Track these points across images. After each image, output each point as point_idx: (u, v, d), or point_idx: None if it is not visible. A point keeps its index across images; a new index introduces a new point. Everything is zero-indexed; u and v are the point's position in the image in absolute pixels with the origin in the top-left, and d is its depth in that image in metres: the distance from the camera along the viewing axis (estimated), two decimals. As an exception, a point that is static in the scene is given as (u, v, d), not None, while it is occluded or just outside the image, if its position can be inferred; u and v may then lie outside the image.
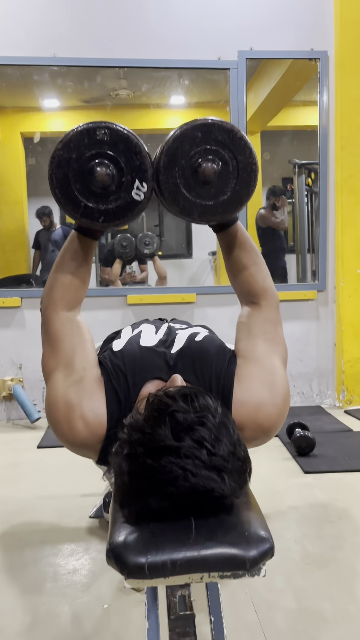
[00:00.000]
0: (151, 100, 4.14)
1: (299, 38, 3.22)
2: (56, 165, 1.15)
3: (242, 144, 1.18)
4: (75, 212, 1.18)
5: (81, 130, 1.14)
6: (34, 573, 1.59)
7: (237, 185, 1.19)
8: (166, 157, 1.16)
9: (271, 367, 1.18)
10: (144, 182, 1.17)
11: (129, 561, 0.81)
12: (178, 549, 0.81)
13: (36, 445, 2.74)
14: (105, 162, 1.15)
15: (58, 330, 1.22)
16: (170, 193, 1.18)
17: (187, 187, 1.18)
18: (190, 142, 1.16)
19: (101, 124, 1.15)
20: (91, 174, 1.15)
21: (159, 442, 0.82)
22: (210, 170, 1.16)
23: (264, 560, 0.83)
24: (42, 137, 4.34)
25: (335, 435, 2.77)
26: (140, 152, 1.17)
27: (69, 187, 1.16)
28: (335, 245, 3.33)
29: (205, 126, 1.16)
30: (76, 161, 1.15)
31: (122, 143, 1.15)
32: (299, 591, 1.47)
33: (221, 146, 1.17)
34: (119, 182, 1.16)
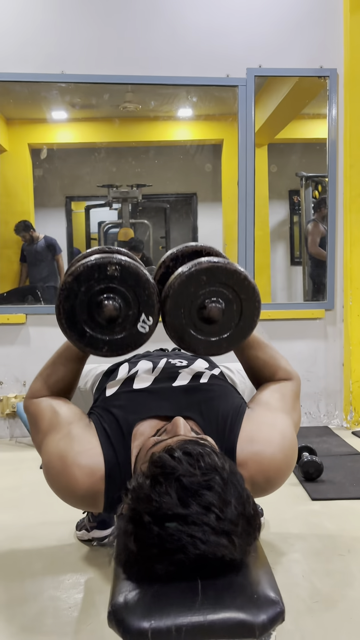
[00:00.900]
0: (159, 113, 4.13)
1: (308, 55, 3.20)
2: (65, 297, 1.17)
3: (246, 284, 1.20)
4: (80, 342, 1.20)
5: (92, 265, 1.15)
6: (34, 609, 1.55)
7: (241, 321, 1.23)
8: (172, 300, 1.19)
9: (282, 419, 1.17)
10: (150, 316, 1.20)
11: (132, 626, 0.77)
12: (183, 614, 0.77)
13: (39, 465, 2.70)
14: (114, 296, 1.17)
15: (37, 411, 1.26)
16: (176, 332, 1.22)
17: (192, 326, 1.22)
18: (195, 284, 1.18)
19: (113, 260, 1.15)
20: (99, 306, 1.17)
21: (166, 510, 0.78)
22: (215, 310, 1.19)
23: (274, 626, 0.79)
24: (49, 149, 4.34)
25: (343, 458, 2.72)
26: (149, 288, 1.19)
27: (76, 318, 1.18)
28: (344, 263, 3.30)
29: (211, 269, 1.18)
30: (85, 293, 1.17)
31: (131, 279, 1.17)
32: (308, 634, 1.42)
33: (225, 287, 1.20)
34: (125, 314, 1.19)
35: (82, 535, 1.88)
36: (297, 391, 1.33)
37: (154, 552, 0.79)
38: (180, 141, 4.56)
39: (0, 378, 3.19)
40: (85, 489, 1.06)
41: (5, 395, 3.18)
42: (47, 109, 3.98)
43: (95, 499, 1.08)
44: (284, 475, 1.13)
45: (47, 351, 3.28)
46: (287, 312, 3.28)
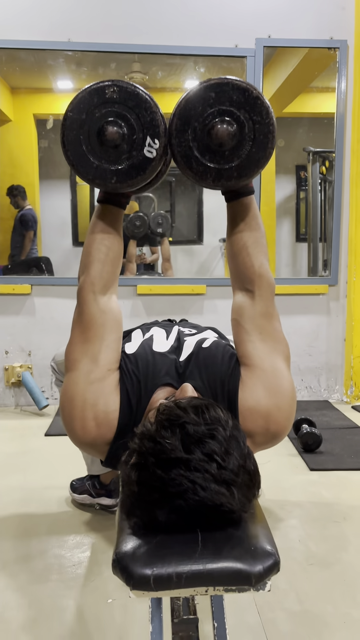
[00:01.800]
0: (166, 84, 4.08)
1: (318, 26, 3.15)
2: (67, 127, 1.13)
3: (259, 104, 1.12)
4: (88, 174, 1.15)
5: (90, 90, 1.12)
6: (40, 565, 1.61)
7: (254, 147, 1.14)
8: (179, 119, 1.13)
9: (273, 370, 1.16)
10: (155, 138, 1.13)
11: (135, 573, 0.81)
12: (184, 562, 0.81)
13: (44, 433, 2.77)
14: (116, 121, 1.12)
15: (94, 317, 1.18)
16: (183, 157, 1.15)
17: (200, 151, 1.14)
18: (203, 103, 1.12)
19: (110, 82, 1.12)
20: (102, 133, 1.12)
21: (170, 453, 0.81)
22: (224, 132, 1.11)
23: (270, 576, 0.83)
24: (55, 119, 4.30)
25: (342, 431, 2.77)
26: (151, 108, 1.13)
27: (81, 149, 1.13)
28: (349, 239, 3.30)
29: (219, 85, 1.11)
30: (87, 122, 1.13)
31: (132, 100, 1.12)
32: (302, 593, 1.47)
33: (236, 106, 1.12)
34: (130, 140, 1.13)
35: (83, 499, 1.93)
36: (271, 309, 1.23)
37: (156, 496, 0.82)
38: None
39: (6, 347, 3.23)
40: (91, 441, 1.11)
41: (10, 364, 3.22)
42: (53, 78, 3.93)
43: (97, 452, 1.13)
44: (285, 427, 1.15)
45: (52, 321, 3.33)
46: (290, 287, 3.29)
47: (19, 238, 4.26)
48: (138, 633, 1.33)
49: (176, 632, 1.05)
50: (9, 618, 1.38)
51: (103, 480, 1.90)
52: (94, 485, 1.90)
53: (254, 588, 0.83)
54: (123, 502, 0.89)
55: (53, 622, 1.36)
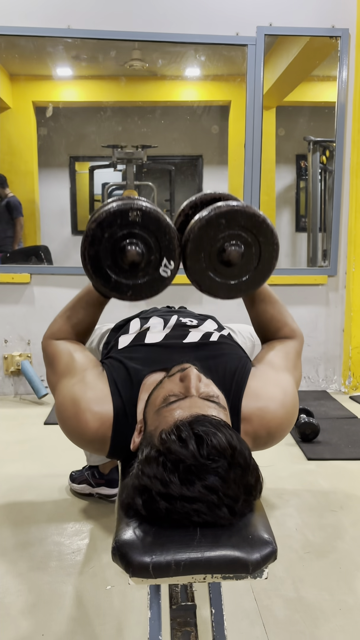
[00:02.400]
0: (166, 72, 4.06)
1: (319, 15, 3.12)
2: (89, 243, 1.19)
3: (264, 227, 1.22)
4: (106, 287, 1.24)
5: (114, 211, 1.17)
6: (39, 552, 1.62)
7: (260, 264, 1.25)
8: (192, 244, 1.21)
9: (285, 378, 1.22)
10: (171, 260, 1.23)
11: (134, 560, 0.82)
12: (182, 550, 0.82)
13: (43, 422, 2.78)
14: (136, 242, 1.20)
15: (55, 352, 1.29)
16: (197, 276, 1.25)
17: (212, 270, 1.24)
18: (215, 228, 1.20)
19: (134, 206, 1.17)
20: (122, 252, 1.19)
21: (172, 491, 0.83)
22: (235, 254, 1.21)
23: (267, 564, 0.85)
24: (54, 107, 4.27)
25: (340, 421, 2.79)
26: (169, 233, 1.21)
27: (100, 264, 1.21)
28: (348, 230, 3.29)
29: (230, 213, 1.20)
30: (108, 240, 1.19)
31: (152, 224, 1.19)
32: (298, 581, 1.49)
33: (244, 230, 1.21)
34: (147, 259, 1.22)
35: (82, 489, 1.95)
36: (299, 350, 1.37)
37: (160, 515, 0.85)
38: (187, 102, 4.49)
39: (5, 336, 3.24)
40: (94, 434, 1.11)
41: (10, 353, 3.23)
42: (53, 65, 3.91)
43: (103, 444, 1.13)
44: (286, 429, 1.17)
45: (51, 310, 3.33)
46: (290, 278, 3.29)
47: (6, 226, 4.23)
48: (136, 619, 1.35)
49: (174, 618, 1.07)
50: (8, 603, 1.40)
51: (102, 470, 1.91)
52: (94, 475, 1.92)
53: (252, 576, 0.84)
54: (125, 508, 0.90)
55: (52, 608, 1.38)
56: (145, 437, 1.00)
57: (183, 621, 1.06)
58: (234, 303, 2.74)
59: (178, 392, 1.00)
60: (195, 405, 0.96)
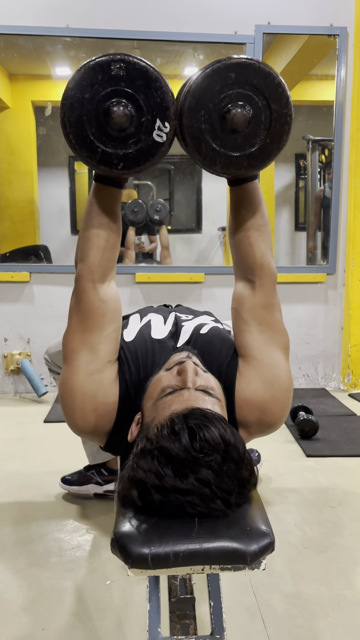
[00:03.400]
0: (165, 71, 4.06)
1: (318, 13, 3.13)
2: (69, 107, 1.04)
3: (279, 92, 1.05)
4: (92, 159, 1.07)
5: (94, 65, 1.02)
6: (39, 548, 1.63)
7: (268, 137, 1.08)
8: (192, 97, 1.04)
9: (270, 362, 1.16)
10: (165, 121, 1.06)
11: (133, 551, 0.83)
12: (181, 542, 0.83)
13: (43, 420, 2.79)
14: (123, 101, 1.03)
15: (93, 306, 1.14)
16: (193, 139, 1.07)
17: (212, 134, 1.06)
18: (221, 83, 1.03)
19: (116, 57, 1.02)
20: (107, 115, 1.04)
21: (166, 484, 0.84)
22: (240, 117, 1.04)
23: (264, 555, 0.85)
24: (54, 106, 4.28)
25: (339, 419, 2.79)
26: (161, 88, 1.04)
27: (84, 132, 1.05)
28: (347, 228, 3.30)
29: (241, 66, 1.03)
30: (90, 101, 1.03)
31: (140, 78, 1.03)
32: (297, 575, 1.50)
33: (255, 91, 1.04)
34: (138, 122, 1.05)
35: (88, 489, 1.90)
36: (271, 297, 1.21)
37: (155, 506, 0.86)
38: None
39: (5, 335, 3.25)
40: (91, 430, 1.12)
41: (9, 351, 3.24)
42: (52, 65, 3.91)
43: (97, 439, 1.15)
44: (280, 418, 1.17)
45: (50, 309, 3.33)
46: (289, 276, 3.30)
47: None
48: (136, 613, 1.35)
49: (173, 610, 1.07)
50: (9, 599, 1.40)
51: (111, 466, 1.88)
52: (101, 472, 1.89)
53: (249, 567, 0.85)
54: (122, 499, 0.91)
55: (53, 603, 1.39)
56: (142, 430, 1.01)
57: (182, 614, 1.06)
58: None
59: (175, 385, 1.00)
60: (190, 398, 0.96)
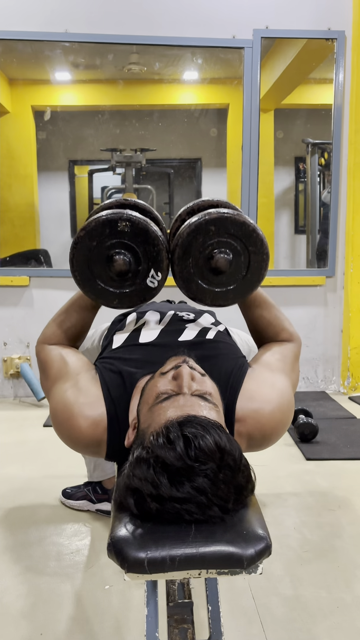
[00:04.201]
0: (164, 76, 4.07)
1: (316, 17, 3.14)
2: (78, 250, 1.20)
3: (254, 236, 1.21)
4: (93, 294, 1.25)
5: (103, 221, 1.18)
6: (38, 552, 1.63)
7: (249, 273, 1.24)
8: (181, 249, 1.21)
9: (282, 380, 1.20)
10: (159, 271, 1.23)
11: (129, 556, 0.83)
12: (177, 546, 0.83)
13: (42, 424, 2.79)
14: (124, 252, 1.20)
15: (47, 357, 1.29)
16: (184, 281, 1.24)
17: (200, 276, 1.23)
18: (204, 235, 1.20)
19: (123, 216, 1.18)
20: (110, 261, 1.20)
21: (162, 493, 0.84)
22: (222, 261, 1.20)
23: (261, 559, 0.85)
24: (53, 111, 4.29)
25: (339, 422, 2.79)
26: (158, 245, 1.21)
27: (88, 271, 1.22)
28: (346, 231, 3.31)
29: (219, 220, 1.19)
30: (96, 248, 1.20)
31: (141, 235, 1.20)
32: (296, 579, 1.50)
33: (234, 238, 1.21)
34: (135, 270, 1.22)
35: (81, 505, 1.89)
36: (297, 353, 1.36)
37: (152, 514, 0.86)
38: (185, 105, 4.50)
39: (4, 339, 3.25)
40: (89, 439, 1.11)
41: (9, 356, 3.24)
42: (51, 70, 3.93)
43: (99, 447, 1.12)
44: (280, 432, 1.17)
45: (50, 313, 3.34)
46: (288, 279, 3.30)
47: None
48: (135, 618, 1.35)
49: (171, 615, 1.07)
50: (7, 603, 1.40)
51: (105, 486, 1.87)
52: (95, 490, 1.88)
53: (246, 571, 0.85)
54: (118, 506, 0.91)
55: (51, 608, 1.39)
56: (138, 436, 1.00)
57: (180, 618, 1.06)
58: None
59: (170, 390, 0.99)
60: (186, 404, 0.95)
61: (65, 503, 1.92)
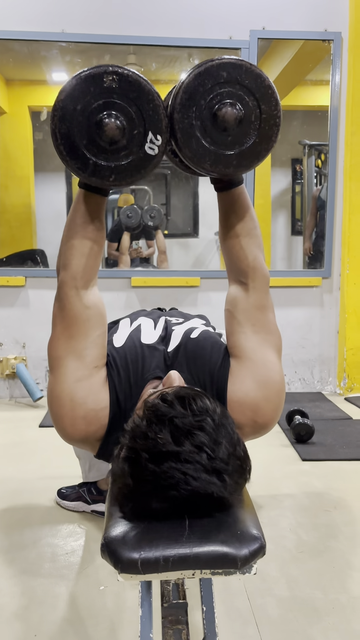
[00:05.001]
0: (160, 77, 4.07)
1: (312, 18, 3.14)
2: (59, 118, 1.04)
3: (269, 93, 1.08)
4: (83, 171, 1.08)
5: (86, 76, 1.02)
6: (33, 554, 1.62)
7: (258, 137, 1.10)
8: (184, 93, 1.05)
9: (263, 362, 1.16)
10: (157, 134, 1.07)
11: (123, 556, 0.82)
12: (171, 546, 0.83)
13: (38, 424, 2.78)
14: (115, 113, 1.04)
15: (77, 313, 1.13)
16: (183, 134, 1.08)
17: (202, 131, 1.08)
18: (213, 81, 1.05)
19: (108, 69, 1.02)
20: (99, 127, 1.04)
21: (160, 447, 0.82)
22: (231, 115, 1.06)
23: (255, 559, 0.85)
24: (49, 112, 4.28)
25: (335, 423, 2.79)
26: (153, 100, 1.05)
27: (75, 143, 1.05)
28: (342, 232, 3.31)
29: (233, 66, 1.05)
30: (82, 113, 1.04)
31: (133, 91, 1.04)
32: (292, 580, 1.50)
33: (246, 91, 1.07)
34: (130, 135, 1.06)
35: (76, 506, 1.87)
36: (264, 298, 1.21)
37: (149, 488, 0.84)
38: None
39: (0, 339, 3.24)
40: (82, 438, 1.11)
41: (5, 356, 3.23)
42: (48, 70, 3.92)
43: (89, 447, 1.13)
44: (273, 420, 1.16)
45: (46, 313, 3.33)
46: (284, 280, 3.30)
47: None
48: (129, 619, 1.35)
49: (166, 616, 1.07)
50: (2, 605, 1.39)
51: (100, 486, 1.86)
52: (90, 491, 1.86)
53: (240, 571, 0.84)
54: (116, 493, 0.90)
55: (46, 609, 1.38)
56: None
57: (174, 619, 1.06)
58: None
59: (161, 387, 1.02)
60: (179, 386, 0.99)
61: (60, 504, 1.91)
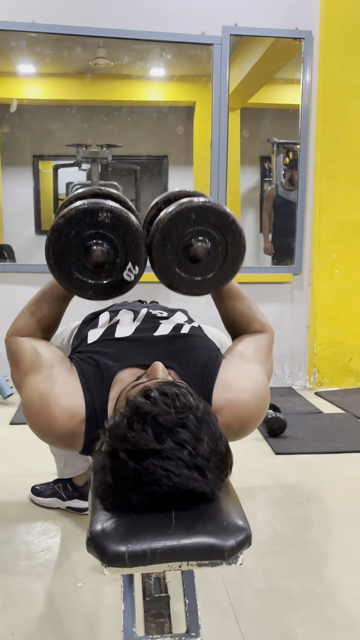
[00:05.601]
0: (132, 71, 4.05)
1: (284, 16, 3.17)
2: (55, 237, 1.18)
3: (234, 227, 1.22)
4: (67, 283, 1.22)
5: (84, 209, 1.17)
6: (7, 552, 1.59)
7: (225, 264, 1.25)
8: (160, 234, 1.20)
9: (256, 370, 1.22)
10: (136, 265, 1.22)
11: (109, 550, 0.81)
12: (158, 539, 0.82)
13: (8, 422, 2.73)
14: (102, 242, 1.19)
15: (19, 349, 1.25)
16: (161, 267, 1.23)
17: (177, 264, 1.23)
18: (184, 222, 1.20)
19: (105, 207, 1.17)
20: (88, 251, 1.19)
21: (142, 445, 0.82)
22: (201, 249, 1.21)
23: (242, 550, 0.85)
24: (19, 104, 4.20)
25: (306, 417, 2.83)
26: (138, 239, 1.20)
27: (64, 259, 1.19)
28: (313, 229, 3.35)
29: (201, 208, 1.19)
30: (75, 237, 1.18)
31: (121, 227, 1.18)
32: (268, 571, 1.51)
33: (213, 228, 1.21)
34: (112, 261, 1.21)
35: (51, 503, 1.85)
36: (270, 343, 1.37)
37: (129, 483, 0.83)
38: (152, 102, 4.49)
39: (-32, 336, 3.16)
40: (66, 430, 1.08)
41: (-27, 353, 3.16)
42: (16, 61, 3.85)
43: (75, 440, 1.10)
44: (257, 420, 1.18)
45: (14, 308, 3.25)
46: (255, 276, 3.33)
47: None
48: (108, 615, 1.34)
49: (148, 610, 1.06)
50: (-24, 604, 1.37)
51: (76, 482, 1.83)
52: (65, 487, 1.83)
53: (227, 562, 0.85)
54: (96, 487, 0.89)
55: (22, 607, 1.36)
56: None
57: (157, 612, 1.06)
58: (202, 301, 2.76)
59: (144, 378, 1.02)
60: (162, 380, 0.99)
61: (34, 500, 1.88)
